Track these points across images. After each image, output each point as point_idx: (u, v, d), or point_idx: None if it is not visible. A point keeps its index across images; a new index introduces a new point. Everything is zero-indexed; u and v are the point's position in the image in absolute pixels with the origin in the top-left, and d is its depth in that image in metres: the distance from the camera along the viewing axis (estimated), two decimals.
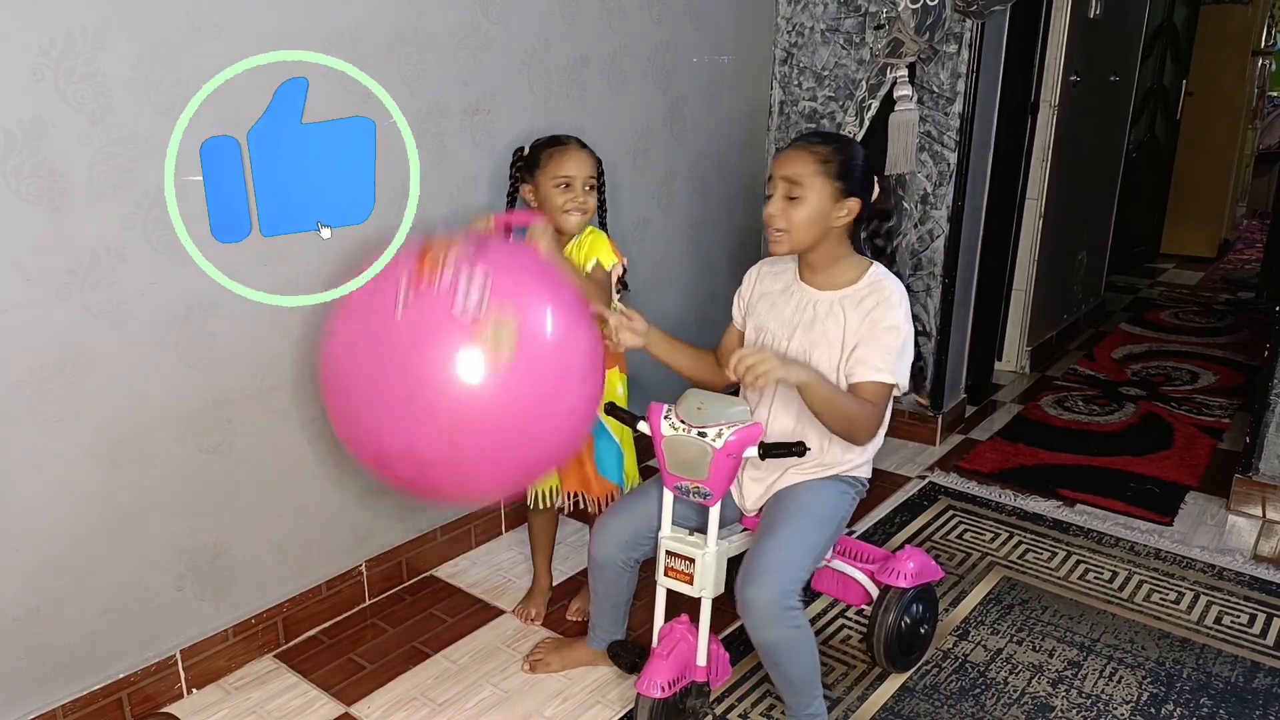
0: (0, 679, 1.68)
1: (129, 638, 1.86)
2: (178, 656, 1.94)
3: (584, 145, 2.04)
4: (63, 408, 1.67)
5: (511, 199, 2.09)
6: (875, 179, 1.80)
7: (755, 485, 1.86)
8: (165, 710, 1.91)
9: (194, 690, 1.98)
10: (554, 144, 2.03)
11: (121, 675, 1.85)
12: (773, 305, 1.85)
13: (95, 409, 1.71)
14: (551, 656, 2.06)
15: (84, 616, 1.78)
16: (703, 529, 1.76)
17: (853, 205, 1.73)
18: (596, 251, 1.99)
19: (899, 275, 2.38)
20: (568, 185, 1.97)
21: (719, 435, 1.63)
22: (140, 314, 1.74)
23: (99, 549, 1.77)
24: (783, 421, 1.80)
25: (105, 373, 1.71)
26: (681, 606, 1.85)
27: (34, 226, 1.57)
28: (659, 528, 1.79)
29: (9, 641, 1.68)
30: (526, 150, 2.06)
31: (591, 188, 2.01)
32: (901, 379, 1.72)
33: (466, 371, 1.45)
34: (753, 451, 1.65)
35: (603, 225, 2.14)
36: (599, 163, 2.06)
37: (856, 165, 1.73)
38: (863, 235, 1.95)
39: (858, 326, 1.73)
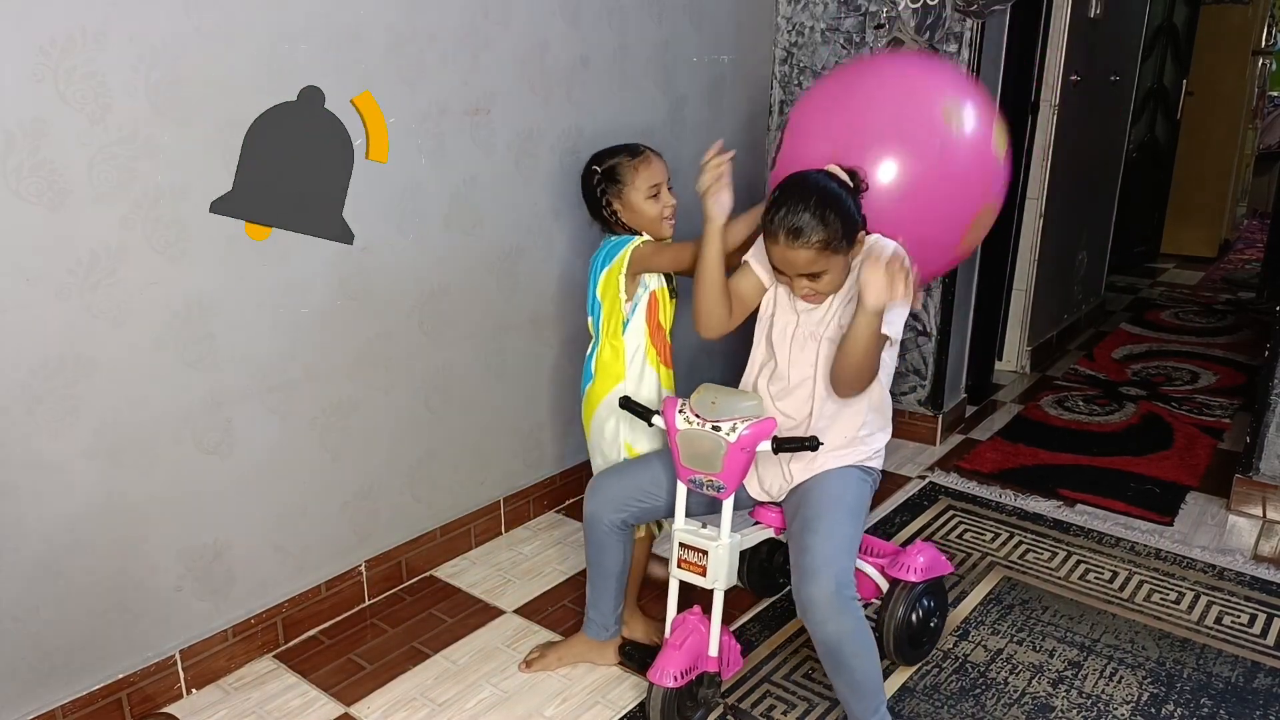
0: (0, 679, 1.68)
1: (129, 638, 1.86)
2: (177, 657, 1.94)
3: (651, 148, 1.99)
4: (63, 408, 1.67)
5: (607, 216, 2.00)
6: (856, 176, 1.76)
7: (768, 471, 1.87)
8: (165, 710, 1.91)
9: (193, 690, 1.98)
10: (628, 154, 1.95)
11: (121, 675, 1.85)
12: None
13: (95, 409, 1.71)
14: (549, 653, 2.07)
15: (84, 616, 1.78)
16: (711, 513, 1.78)
17: (861, 238, 1.73)
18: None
19: None
20: (658, 193, 1.94)
21: (733, 429, 1.66)
22: (140, 314, 1.74)
23: (99, 549, 1.77)
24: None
25: (105, 373, 1.71)
26: (694, 598, 1.86)
27: (34, 226, 1.57)
28: (663, 511, 1.83)
29: (9, 641, 1.68)
30: (600, 168, 1.96)
31: (669, 188, 1.98)
32: (893, 331, 1.71)
33: None
34: (766, 446, 1.68)
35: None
36: None
37: (845, 212, 1.67)
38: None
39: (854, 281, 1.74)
